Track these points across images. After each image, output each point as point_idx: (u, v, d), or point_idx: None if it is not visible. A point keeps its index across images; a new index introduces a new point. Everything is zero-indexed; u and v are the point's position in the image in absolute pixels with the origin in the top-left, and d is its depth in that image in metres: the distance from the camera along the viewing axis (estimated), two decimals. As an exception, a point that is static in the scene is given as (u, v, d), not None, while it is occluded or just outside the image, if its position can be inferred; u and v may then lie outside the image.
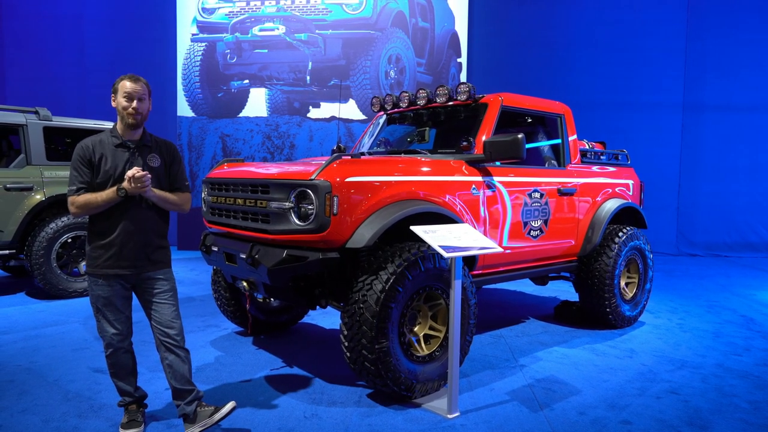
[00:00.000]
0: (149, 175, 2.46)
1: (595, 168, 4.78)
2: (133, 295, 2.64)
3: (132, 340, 2.68)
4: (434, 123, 4.37)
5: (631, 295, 4.80)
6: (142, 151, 2.57)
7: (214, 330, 4.47)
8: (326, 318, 4.88)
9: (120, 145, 2.54)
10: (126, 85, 2.49)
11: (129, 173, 2.41)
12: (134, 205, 2.51)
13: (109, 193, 2.44)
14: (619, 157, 5.25)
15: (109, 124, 5.29)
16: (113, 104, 2.53)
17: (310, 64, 9.66)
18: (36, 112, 5.54)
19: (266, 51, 9.68)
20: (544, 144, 4.54)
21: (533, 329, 4.63)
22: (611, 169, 4.98)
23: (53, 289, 5.43)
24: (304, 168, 3.08)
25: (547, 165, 4.48)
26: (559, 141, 4.50)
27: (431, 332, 3.23)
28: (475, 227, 3.56)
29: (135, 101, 2.50)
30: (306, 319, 4.81)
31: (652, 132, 9.67)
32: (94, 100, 9.72)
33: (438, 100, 4.04)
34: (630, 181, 5.10)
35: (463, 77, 9.93)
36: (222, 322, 4.70)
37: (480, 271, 3.80)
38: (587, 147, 5.01)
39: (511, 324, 4.81)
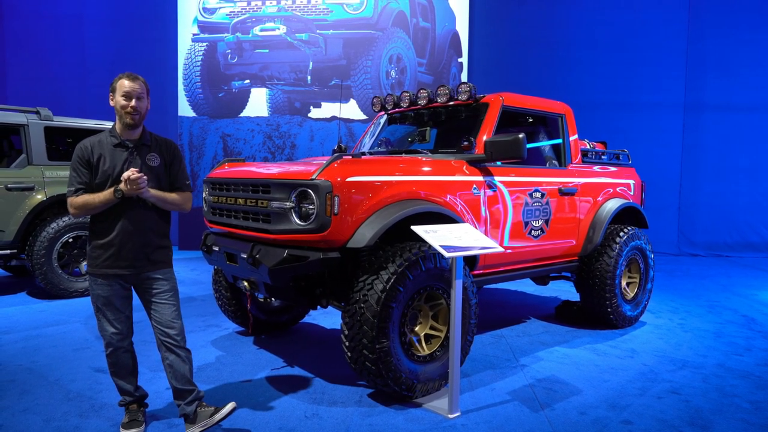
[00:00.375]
0: (145, 177, 2.45)
1: (596, 168, 4.77)
2: (135, 294, 2.64)
3: (133, 340, 2.68)
4: (435, 123, 4.36)
5: (632, 295, 4.80)
6: (140, 151, 2.56)
7: (215, 330, 4.47)
8: (327, 318, 4.88)
9: (118, 144, 2.52)
10: (124, 83, 2.48)
11: (125, 175, 2.41)
12: (133, 205, 2.50)
13: (106, 194, 2.44)
14: (620, 157, 5.25)
15: (109, 124, 5.30)
16: (111, 103, 2.52)
17: (311, 64, 9.66)
18: (37, 112, 5.54)
19: (267, 51, 9.68)
20: (545, 144, 4.54)
21: (534, 329, 4.63)
22: (612, 169, 4.97)
23: (54, 288, 5.43)
24: (305, 168, 3.08)
25: (548, 165, 4.47)
26: (560, 141, 4.50)
27: (432, 332, 3.23)
28: (476, 227, 3.56)
29: (133, 100, 2.48)
30: (307, 319, 4.81)
31: (653, 132, 9.67)
32: (94, 100, 9.73)
33: (439, 100, 4.04)
34: (631, 181, 5.09)
35: (464, 77, 9.93)
36: (223, 321, 4.70)
37: (481, 271, 3.79)
38: (588, 147, 5.00)
39: (512, 324, 4.80)
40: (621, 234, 4.57)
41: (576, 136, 4.59)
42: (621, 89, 9.71)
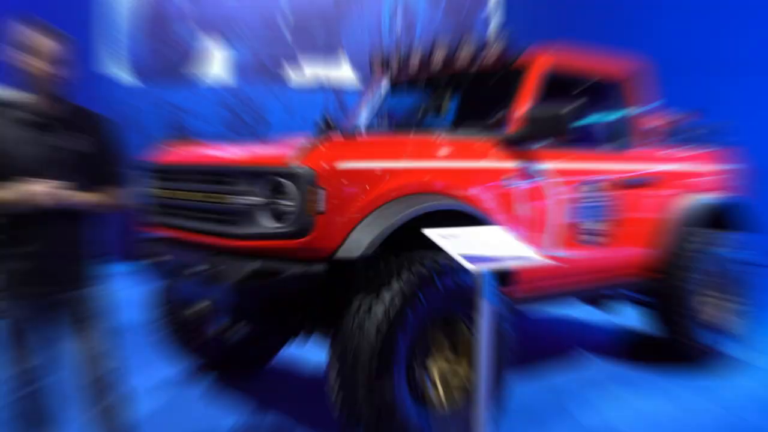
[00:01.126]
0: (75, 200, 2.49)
1: (682, 150, 4.80)
2: (57, 322, 2.70)
3: (53, 379, 2.74)
4: (454, 90, 4.43)
5: (731, 324, 4.83)
6: (57, 129, 2.52)
7: (163, 366, 4.54)
8: (311, 352, 4.94)
9: (25, 120, 2.49)
10: (29, 36, 2.42)
11: (43, 189, 2.41)
12: (52, 209, 2.46)
13: None
14: (720, 135, 5.23)
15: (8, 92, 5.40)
16: (12, 62, 2.43)
17: (289, 14, 9.76)
18: None
19: (231, -7, 9.80)
20: (607, 118, 4.57)
21: (591, 369, 4.67)
22: (706, 151, 4.99)
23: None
24: (279, 150, 3.15)
25: (609, 147, 4.51)
26: (629, 113, 4.53)
27: (451, 372, 3.29)
28: (509, 230, 3.62)
29: (45, 60, 2.42)
30: (285, 353, 4.87)
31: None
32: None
33: (460, 59, 4.10)
34: (734, 168, 5.10)
35: (494, 28, 9.98)
36: (173, 355, 4.77)
37: (517, 290, 3.84)
38: (672, 121, 5.01)
39: (559, 360, 4.85)
40: (716, 241, 4.60)
41: (655, 106, 4.62)
42: (726, 45, 9.54)
